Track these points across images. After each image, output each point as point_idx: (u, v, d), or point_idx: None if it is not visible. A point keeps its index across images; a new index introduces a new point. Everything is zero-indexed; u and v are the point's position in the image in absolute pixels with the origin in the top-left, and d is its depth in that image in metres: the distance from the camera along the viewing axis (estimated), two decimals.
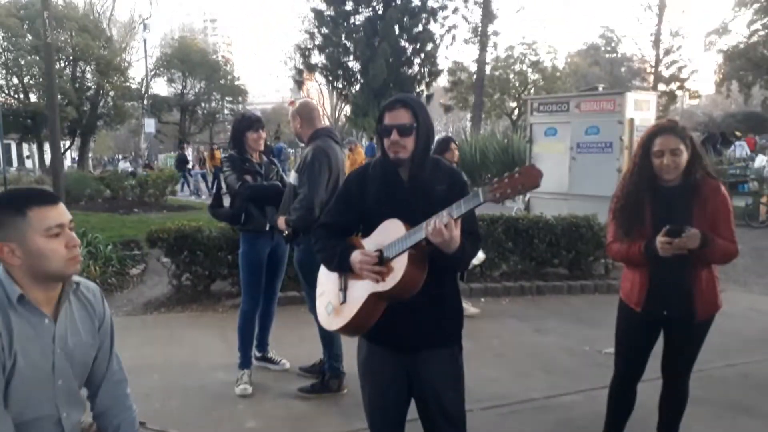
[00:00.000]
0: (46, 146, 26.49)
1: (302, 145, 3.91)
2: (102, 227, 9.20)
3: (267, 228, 3.88)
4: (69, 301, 1.83)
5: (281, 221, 3.63)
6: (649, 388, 2.96)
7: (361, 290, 2.13)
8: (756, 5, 30.72)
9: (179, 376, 4.21)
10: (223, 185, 4.03)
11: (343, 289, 2.21)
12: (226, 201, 4.14)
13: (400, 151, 2.14)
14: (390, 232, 2.07)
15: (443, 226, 1.89)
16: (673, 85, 39.06)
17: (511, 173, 1.84)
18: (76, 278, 1.86)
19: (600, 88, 9.18)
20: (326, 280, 2.33)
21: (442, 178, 2.21)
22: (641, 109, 8.19)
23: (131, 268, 7.00)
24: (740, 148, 19.24)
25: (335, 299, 2.23)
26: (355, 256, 2.11)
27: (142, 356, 4.51)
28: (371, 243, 2.15)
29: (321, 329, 3.76)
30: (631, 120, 7.95)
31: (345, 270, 2.17)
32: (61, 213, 1.73)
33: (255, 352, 4.24)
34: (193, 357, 4.56)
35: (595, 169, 8.05)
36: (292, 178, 3.68)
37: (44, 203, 1.71)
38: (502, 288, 6.30)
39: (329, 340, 3.75)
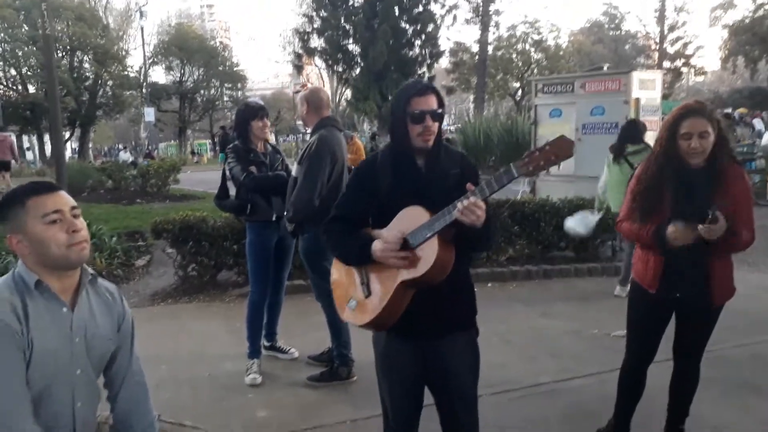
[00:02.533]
0: (47, 138, 26.50)
1: (303, 132, 3.87)
2: (105, 219, 9.18)
3: (273, 218, 3.86)
4: (87, 293, 1.84)
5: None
6: (660, 369, 2.94)
7: (387, 280, 2.10)
8: None
9: (188, 366, 4.21)
10: (228, 176, 3.99)
11: (366, 282, 2.18)
12: (232, 191, 4.11)
13: (431, 137, 2.13)
14: (412, 219, 2.05)
15: (475, 204, 1.88)
16: (678, 62, 38.76)
17: (541, 146, 1.83)
18: (91, 271, 1.86)
19: (605, 68, 9.11)
20: (343, 275, 2.29)
21: (453, 161, 2.21)
22: (647, 89, 8.10)
23: (137, 260, 7.00)
24: (759, 123, 19.17)
25: (358, 293, 2.20)
26: (377, 245, 2.08)
27: (151, 347, 4.48)
28: (391, 232, 2.11)
29: (329, 316, 3.75)
30: (637, 99, 7.87)
31: (366, 263, 2.15)
32: (58, 199, 1.75)
33: (264, 342, 4.24)
34: (201, 347, 4.57)
35: (602, 150, 7.93)
36: (294, 170, 3.64)
37: (42, 192, 1.74)
38: (508, 272, 6.27)
39: (337, 327, 3.74)
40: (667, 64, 37.57)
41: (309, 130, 3.84)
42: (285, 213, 3.68)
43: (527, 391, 3.76)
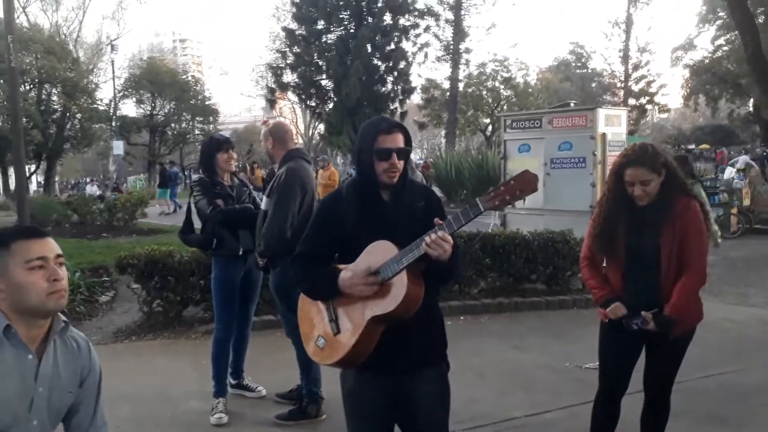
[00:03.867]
0: (11, 171, 25.87)
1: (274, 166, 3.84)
2: (70, 253, 8.92)
3: (240, 252, 3.79)
4: (55, 342, 1.77)
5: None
6: (633, 401, 2.94)
7: (357, 316, 2.06)
8: (719, 22, 31.70)
9: (151, 406, 4.05)
10: (193, 210, 3.92)
11: (334, 318, 2.13)
12: (198, 224, 4.03)
13: (395, 174, 2.14)
14: (381, 253, 2.03)
15: (443, 238, 1.91)
16: (643, 100, 40.05)
17: (506, 181, 1.88)
18: (64, 318, 1.79)
19: (572, 104, 9.30)
20: (310, 311, 2.24)
21: (418, 195, 2.23)
22: (613, 125, 8.29)
23: (100, 296, 6.79)
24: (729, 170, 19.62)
25: (327, 330, 2.15)
26: (345, 275, 2.06)
27: (112, 387, 4.26)
28: (358, 266, 2.08)
29: (299, 353, 3.66)
30: (603, 135, 8.05)
31: (333, 296, 2.11)
32: (45, 246, 1.71)
33: (230, 380, 4.11)
34: (165, 386, 4.40)
35: (570, 184, 8.11)
36: (264, 203, 3.60)
37: (28, 236, 1.71)
38: (480, 305, 6.26)
39: (307, 364, 3.63)
40: (632, 101, 38.77)
41: (277, 165, 3.81)
42: (256, 247, 3.61)
43: (500, 426, 3.71)
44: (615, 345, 2.80)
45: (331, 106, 28.86)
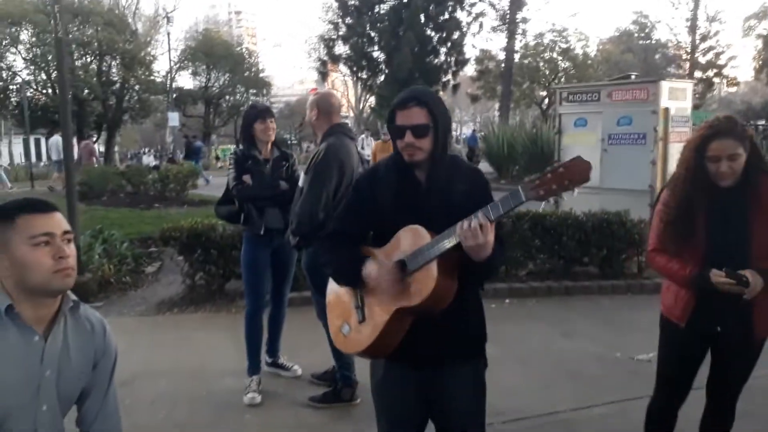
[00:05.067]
0: (75, 140, 26.83)
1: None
2: (121, 223, 9.15)
3: (261, 232, 3.68)
4: (65, 322, 1.68)
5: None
6: (692, 398, 2.64)
7: (383, 305, 1.91)
8: None
9: (187, 382, 4.04)
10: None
11: (360, 306, 1.99)
12: None
13: (415, 153, 1.93)
14: (411, 240, 1.87)
15: (479, 228, 1.69)
16: (710, 72, 37.87)
17: (554, 167, 1.62)
18: (74, 297, 1.70)
19: (633, 77, 8.75)
20: (337, 296, 2.10)
21: (461, 177, 2.00)
22: (677, 98, 7.75)
23: (147, 266, 6.89)
24: None
25: (352, 318, 2.02)
26: (371, 268, 1.91)
27: (151, 360, 4.37)
28: (388, 253, 1.93)
29: (328, 335, 3.54)
30: (666, 109, 7.53)
31: (357, 285, 1.97)
32: (51, 222, 1.60)
33: (265, 358, 4.06)
34: (202, 361, 4.40)
35: (628, 161, 7.66)
36: (301, 179, 3.44)
37: (34, 211, 1.60)
38: (528, 288, 5.99)
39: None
40: (698, 74, 36.74)
41: (319, 138, 3.63)
42: (289, 224, 3.49)
43: (541, 420, 3.50)
44: (676, 348, 2.47)
45: (382, 78, 28.47)
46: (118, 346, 1.85)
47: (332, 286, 2.15)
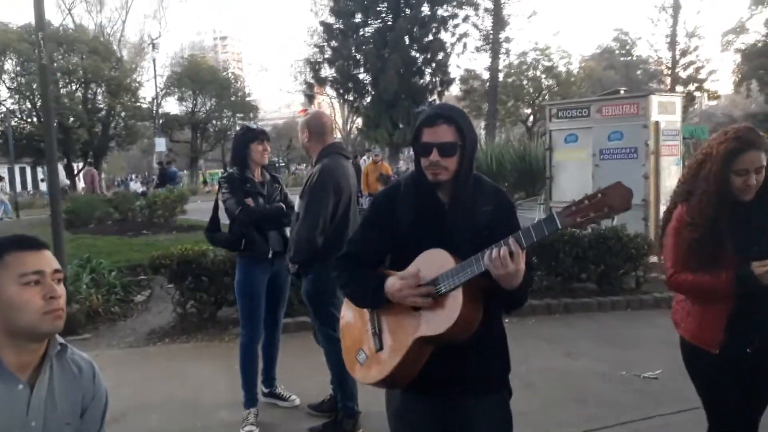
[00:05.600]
0: (61, 168, 26.59)
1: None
2: (109, 251, 8.95)
3: (270, 255, 3.55)
4: (51, 367, 1.55)
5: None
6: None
7: (403, 333, 1.81)
8: None
9: (180, 416, 3.87)
10: (221, 207, 3.69)
11: (378, 332, 1.88)
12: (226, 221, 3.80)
13: (441, 173, 1.83)
14: (434, 264, 1.76)
15: (508, 255, 1.61)
16: (692, 87, 38.43)
17: (593, 194, 1.55)
18: (61, 340, 1.57)
19: (622, 91, 8.77)
20: (352, 321, 1.99)
21: (486, 198, 1.91)
22: (667, 112, 7.76)
23: (136, 295, 6.71)
24: None
25: (369, 345, 1.90)
26: (392, 281, 1.79)
27: (142, 394, 4.19)
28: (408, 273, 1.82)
29: (334, 367, 3.41)
30: (657, 123, 7.53)
31: (379, 304, 1.85)
32: (42, 260, 1.50)
33: (262, 388, 3.90)
34: (196, 394, 4.23)
35: (620, 176, 7.45)
36: (297, 204, 3.33)
37: (24, 248, 1.50)
38: (527, 307, 5.86)
39: (343, 378, 3.36)
40: (680, 88, 37.23)
41: (313, 160, 3.53)
42: (287, 251, 3.37)
43: None
44: (714, 377, 2.22)
45: (368, 99, 28.59)
46: (108, 381, 1.72)
47: (346, 311, 2.04)
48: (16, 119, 27.76)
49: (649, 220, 7.44)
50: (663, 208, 7.62)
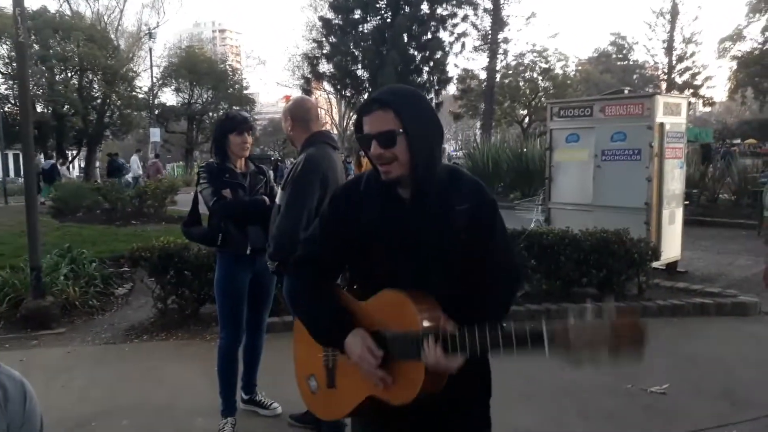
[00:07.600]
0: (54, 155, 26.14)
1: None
2: (93, 241, 8.67)
3: (248, 251, 3.27)
4: None
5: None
6: None
7: (358, 383, 1.56)
8: None
9: (153, 422, 3.60)
10: (200, 199, 3.40)
11: (332, 367, 1.64)
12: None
13: (390, 168, 1.53)
14: (392, 311, 1.50)
15: (438, 354, 1.41)
16: (687, 92, 38.42)
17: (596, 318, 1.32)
18: None
19: (626, 91, 8.53)
20: (307, 340, 1.70)
21: (463, 195, 1.59)
22: (672, 113, 7.53)
23: (117, 288, 6.42)
24: None
25: (321, 375, 1.67)
26: (354, 345, 1.52)
27: (113, 397, 3.91)
28: (369, 314, 1.56)
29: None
30: (661, 125, 7.30)
31: (335, 346, 1.61)
32: None
33: (241, 394, 3.62)
34: (171, 397, 3.94)
35: (623, 178, 7.39)
36: (278, 196, 3.04)
37: None
38: (525, 312, 5.62)
39: None
40: (675, 94, 37.19)
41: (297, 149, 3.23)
42: (266, 247, 3.08)
43: None
44: None
45: (366, 96, 28.35)
46: (78, 380, 1.44)
47: (299, 325, 1.76)
48: (9, 105, 27.26)
49: (650, 225, 7.21)
50: (665, 212, 7.46)
